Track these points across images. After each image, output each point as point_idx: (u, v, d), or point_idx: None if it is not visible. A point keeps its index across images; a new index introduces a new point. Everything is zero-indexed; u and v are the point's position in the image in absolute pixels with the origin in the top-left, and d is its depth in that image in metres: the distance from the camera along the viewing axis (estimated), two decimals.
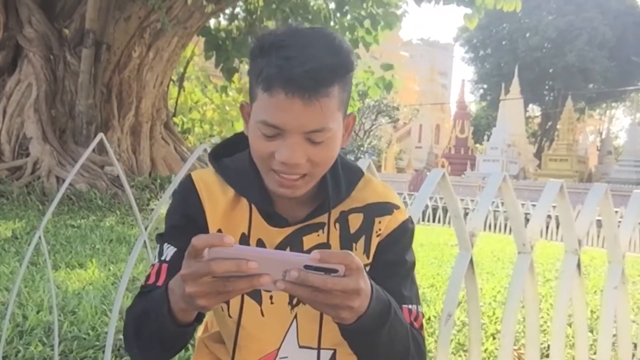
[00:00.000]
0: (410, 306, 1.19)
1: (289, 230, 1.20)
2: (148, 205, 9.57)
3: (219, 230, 1.18)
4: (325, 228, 1.21)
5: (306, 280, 0.87)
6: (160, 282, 1.15)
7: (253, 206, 1.20)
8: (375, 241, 1.22)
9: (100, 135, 2.19)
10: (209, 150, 2.19)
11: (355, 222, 1.22)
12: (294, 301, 1.19)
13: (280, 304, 1.19)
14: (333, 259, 0.89)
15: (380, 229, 1.22)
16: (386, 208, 1.24)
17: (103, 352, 2.42)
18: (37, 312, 3.23)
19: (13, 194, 9.06)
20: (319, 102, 1.04)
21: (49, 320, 3.07)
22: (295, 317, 1.20)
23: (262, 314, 1.19)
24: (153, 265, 1.19)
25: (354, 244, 1.21)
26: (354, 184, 1.25)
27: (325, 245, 1.20)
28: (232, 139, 1.32)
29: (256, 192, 1.19)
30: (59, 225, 7.16)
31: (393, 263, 1.21)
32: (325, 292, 0.89)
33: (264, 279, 0.86)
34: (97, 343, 2.84)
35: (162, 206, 2.34)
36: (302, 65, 1.02)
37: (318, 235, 1.20)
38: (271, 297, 1.18)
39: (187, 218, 1.19)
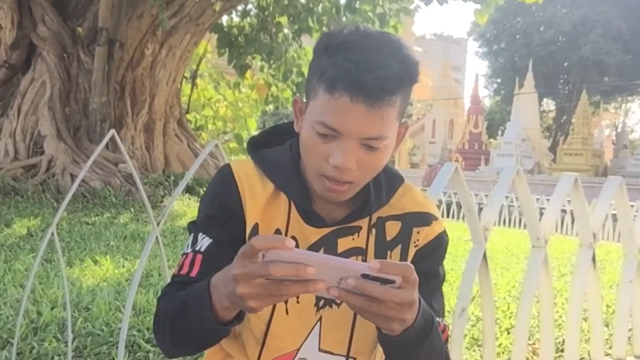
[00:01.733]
0: (438, 319, 1.17)
1: (325, 230, 1.17)
2: (162, 202, 9.61)
3: (256, 225, 1.16)
4: (362, 232, 1.19)
5: (363, 289, 0.86)
6: (193, 273, 1.12)
7: (292, 203, 1.18)
8: (412, 251, 1.21)
9: (112, 131, 2.18)
10: (220, 146, 2.20)
11: (392, 229, 1.21)
12: (321, 303, 1.17)
13: (306, 304, 1.16)
14: (393, 270, 0.87)
15: (418, 240, 1.21)
16: (425, 218, 1.22)
17: (117, 348, 2.42)
18: (52, 309, 3.25)
19: (28, 192, 9.12)
20: (381, 110, 1.02)
21: (63, 316, 3.08)
22: (320, 319, 1.17)
23: (287, 312, 1.16)
24: (186, 254, 1.16)
25: (389, 252, 1.20)
26: (394, 190, 1.23)
27: (361, 250, 1.18)
28: (272, 131, 1.29)
29: (296, 189, 1.16)
30: (73, 222, 7.20)
31: (426, 274, 1.18)
32: (380, 302, 0.88)
33: (318, 284, 0.85)
34: (111, 339, 2.85)
35: (173, 203, 2.34)
36: (371, 71, 1.00)
37: (353, 238, 1.18)
38: (298, 296, 1.14)
39: (225, 209, 1.16)
